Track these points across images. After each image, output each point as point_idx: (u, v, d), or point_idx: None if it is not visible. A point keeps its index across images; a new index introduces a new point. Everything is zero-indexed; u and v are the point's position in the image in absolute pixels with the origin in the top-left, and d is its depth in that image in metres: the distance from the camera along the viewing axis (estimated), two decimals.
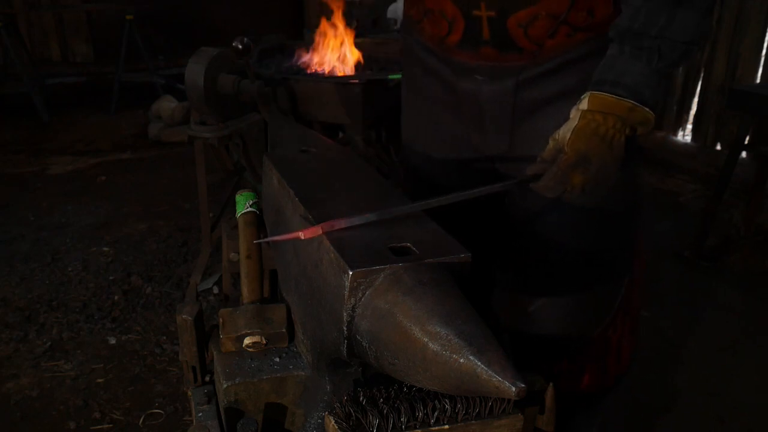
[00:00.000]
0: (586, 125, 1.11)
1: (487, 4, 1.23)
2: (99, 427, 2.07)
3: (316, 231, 0.97)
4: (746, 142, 3.08)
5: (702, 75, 4.41)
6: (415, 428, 0.88)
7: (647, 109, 1.11)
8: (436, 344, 0.80)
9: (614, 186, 1.37)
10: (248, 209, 1.33)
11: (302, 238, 0.98)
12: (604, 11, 1.21)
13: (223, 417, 1.12)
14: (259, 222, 1.33)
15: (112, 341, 2.47)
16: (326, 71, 2.48)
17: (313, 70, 2.48)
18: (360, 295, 0.89)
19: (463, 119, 1.40)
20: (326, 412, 0.90)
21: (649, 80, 1.11)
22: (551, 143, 1.14)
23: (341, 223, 0.98)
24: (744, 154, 3.68)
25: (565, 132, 1.12)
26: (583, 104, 1.12)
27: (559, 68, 1.26)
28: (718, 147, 4.35)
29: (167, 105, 4.85)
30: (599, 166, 1.12)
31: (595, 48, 1.23)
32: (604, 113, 1.10)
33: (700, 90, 4.44)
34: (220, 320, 1.15)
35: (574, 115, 1.13)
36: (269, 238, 1.24)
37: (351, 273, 0.87)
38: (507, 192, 1.46)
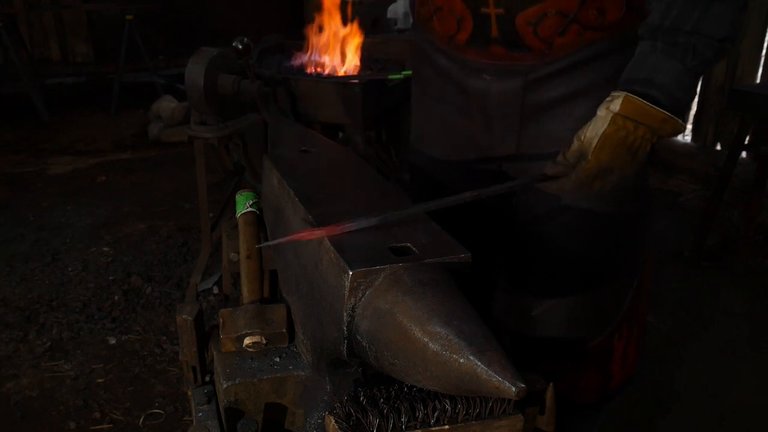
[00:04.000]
0: (614, 133, 1.05)
1: (495, 1, 1.21)
2: (99, 427, 2.07)
3: (319, 235, 0.97)
4: (746, 142, 3.08)
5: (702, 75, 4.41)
6: (416, 428, 0.88)
7: (680, 121, 1.05)
8: (436, 344, 0.80)
9: (622, 189, 1.36)
10: (248, 209, 1.33)
11: (304, 240, 0.98)
12: (616, 11, 1.20)
13: (223, 417, 1.12)
14: (259, 222, 1.33)
15: (112, 341, 2.47)
16: (326, 71, 2.48)
17: (313, 70, 2.48)
18: (360, 295, 0.89)
19: (472, 119, 1.39)
20: (326, 412, 0.90)
21: (682, 80, 1.06)
22: (576, 143, 1.09)
23: (344, 228, 0.98)
24: (744, 154, 3.68)
25: (591, 136, 1.06)
26: (615, 105, 1.05)
27: (569, 69, 1.25)
28: (718, 147, 4.35)
29: (167, 105, 4.85)
30: (621, 175, 1.09)
31: (606, 49, 1.22)
32: (636, 122, 1.04)
33: (700, 90, 4.43)
34: (220, 320, 1.15)
35: (604, 115, 1.06)
36: (273, 242, 1.24)
37: (351, 273, 0.87)
38: (513, 194, 1.45)
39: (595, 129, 1.07)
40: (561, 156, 1.11)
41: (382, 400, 0.90)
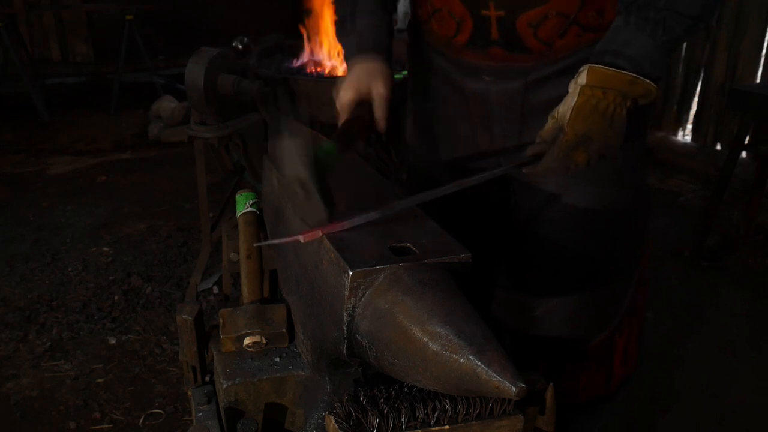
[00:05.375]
0: (585, 102, 1.08)
1: (496, 3, 1.21)
2: (99, 427, 2.07)
3: (316, 234, 0.97)
4: (746, 142, 3.08)
5: (702, 75, 4.41)
6: (416, 428, 0.88)
7: (649, 81, 1.08)
8: (436, 344, 0.80)
9: (621, 186, 1.37)
10: (248, 209, 1.34)
11: (302, 241, 0.98)
12: (615, 12, 1.20)
13: (223, 417, 1.12)
14: (259, 222, 1.33)
15: (112, 341, 2.47)
16: (326, 71, 2.48)
17: (313, 70, 2.48)
18: (360, 295, 0.89)
19: (471, 120, 1.39)
20: (326, 412, 0.90)
21: (652, 53, 1.09)
22: (550, 122, 1.12)
23: (341, 225, 0.98)
24: (744, 154, 3.68)
25: (564, 110, 1.10)
26: (582, 78, 1.09)
27: (569, 69, 1.24)
28: (718, 147, 4.35)
29: (167, 105, 4.85)
30: (601, 143, 1.10)
31: None
32: (603, 88, 1.08)
33: (700, 90, 4.44)
34: (220, 320, 1.16)
35: (573, 90, 1.11)
36: (270, 242, 1.24)
37: (351, 273, 0.87)
38: (512, 192, 1.45)
39: (567, 104, 1.10)
40: (538, 137, 1.14)
41: (382, 400, 0.90)
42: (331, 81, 2.32)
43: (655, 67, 1.09)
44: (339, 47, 2.51)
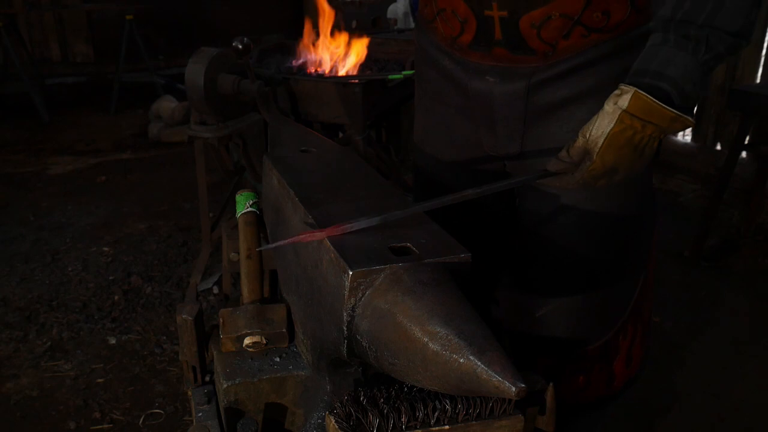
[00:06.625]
0: (621, 132, 1.02)
1: (499, 4, 1.21)
2: (99, 427, 2.07)
3: (319, 236, 0.97)
4: (746, 142, 3.08)
5: None
6: (416, 428, 0.88)
7: (689, 119, 1.02)
8: (436, 344, 0.80)
9: (629, 191, 1.35)
10: (248, 209, 1.34)
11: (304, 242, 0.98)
12: (621, 12, 1.19)
13: (223, 417, 1.12)
14: (259, 222, 1.33)
15: (112, 341, 2.47)
16: (326, 71, 2.48)
17: (313, 71, 2.48)
18: (360, 295, 0.89)
19: (475, 121, 1.38)
20: (327, 412, 0.90)
21: (694, 73, 1.03)
22: (580, 140, 1.06)
23: (343, 228, 0.97)
24: (744, 154, 3.68)
25: (597, 134, 1.04)
26: (623, 102, 1.01)
27: (573, 71, 1.24)
28: (718, 147, 4.35)
29: (167, 105, 4.85)
30: (626, 173, 1.07)
31: (610, 51, 1.21)
32: (643, 121, 1.02)
33: None
34: (220, 320, 1.16)
35: (612, 111, 1.02)
36: (273, 245, 1.23)
37: (351, 273, 0.87)
38: (518, 194, 1.45)
39: (601, 127, 1.04)
40: (564, 152, 1.10)
41: (382, 400, 0.90)
42: (331, 81, 2.32)
43: (696, 87, 1.04)
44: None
